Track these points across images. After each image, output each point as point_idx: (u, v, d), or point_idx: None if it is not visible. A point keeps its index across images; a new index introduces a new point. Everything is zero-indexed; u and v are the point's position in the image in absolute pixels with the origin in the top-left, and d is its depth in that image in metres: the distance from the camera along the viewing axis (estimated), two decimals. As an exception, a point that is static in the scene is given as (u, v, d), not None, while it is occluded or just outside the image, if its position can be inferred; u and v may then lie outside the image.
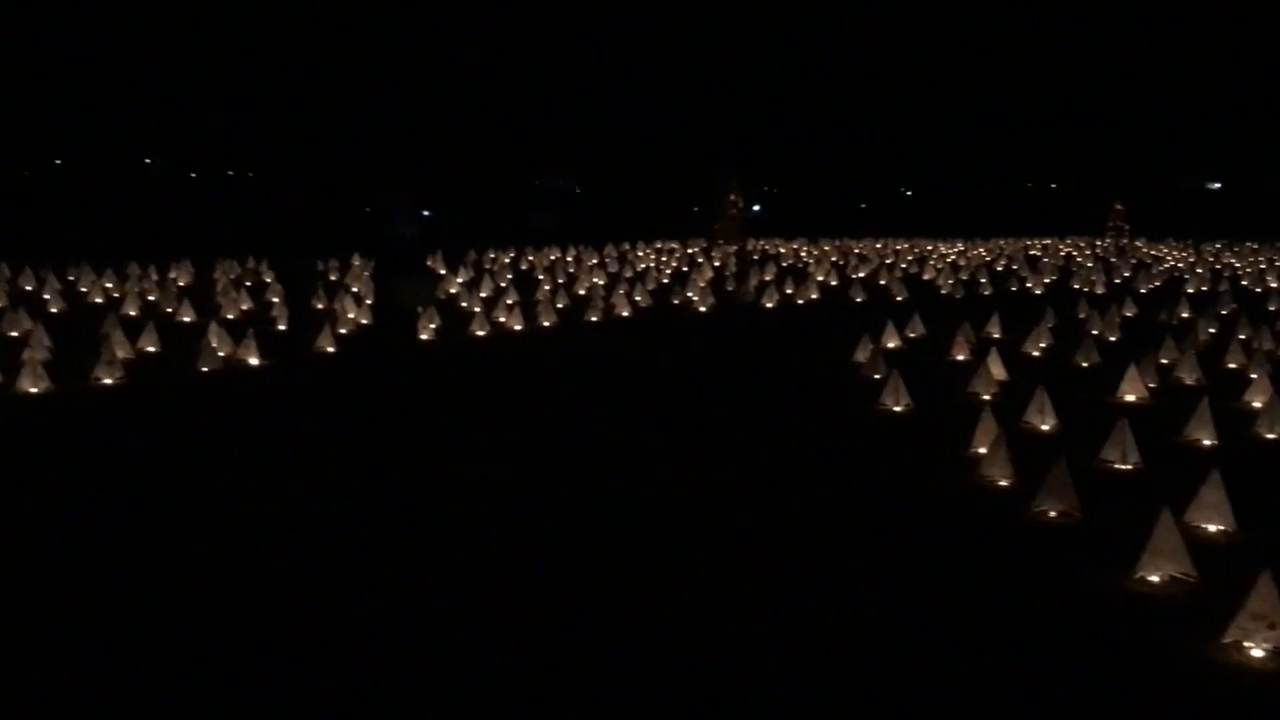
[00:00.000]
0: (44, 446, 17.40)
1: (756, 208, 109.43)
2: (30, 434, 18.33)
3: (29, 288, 37.15)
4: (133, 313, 31.21)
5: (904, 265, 57.80)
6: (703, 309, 39.21)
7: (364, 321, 32.80)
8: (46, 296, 34.73)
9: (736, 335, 33.01)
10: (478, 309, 33.58)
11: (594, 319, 35.19)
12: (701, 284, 42.79)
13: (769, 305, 40.51)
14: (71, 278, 39.70)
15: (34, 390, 21.08)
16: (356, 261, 47.29)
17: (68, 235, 55.45)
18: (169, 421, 19.44)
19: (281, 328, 30.65)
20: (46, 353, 24.28)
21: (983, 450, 16.68)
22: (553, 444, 17.99)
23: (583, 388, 23.64)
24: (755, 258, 61.63)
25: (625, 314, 36.71)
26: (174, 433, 18.49)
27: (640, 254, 61.83)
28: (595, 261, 53.66)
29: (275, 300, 35.19)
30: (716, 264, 56.01)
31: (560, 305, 36.87)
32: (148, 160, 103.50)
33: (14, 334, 27.52)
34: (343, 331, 29.61)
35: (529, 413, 20.56)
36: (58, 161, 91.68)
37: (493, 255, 56.07)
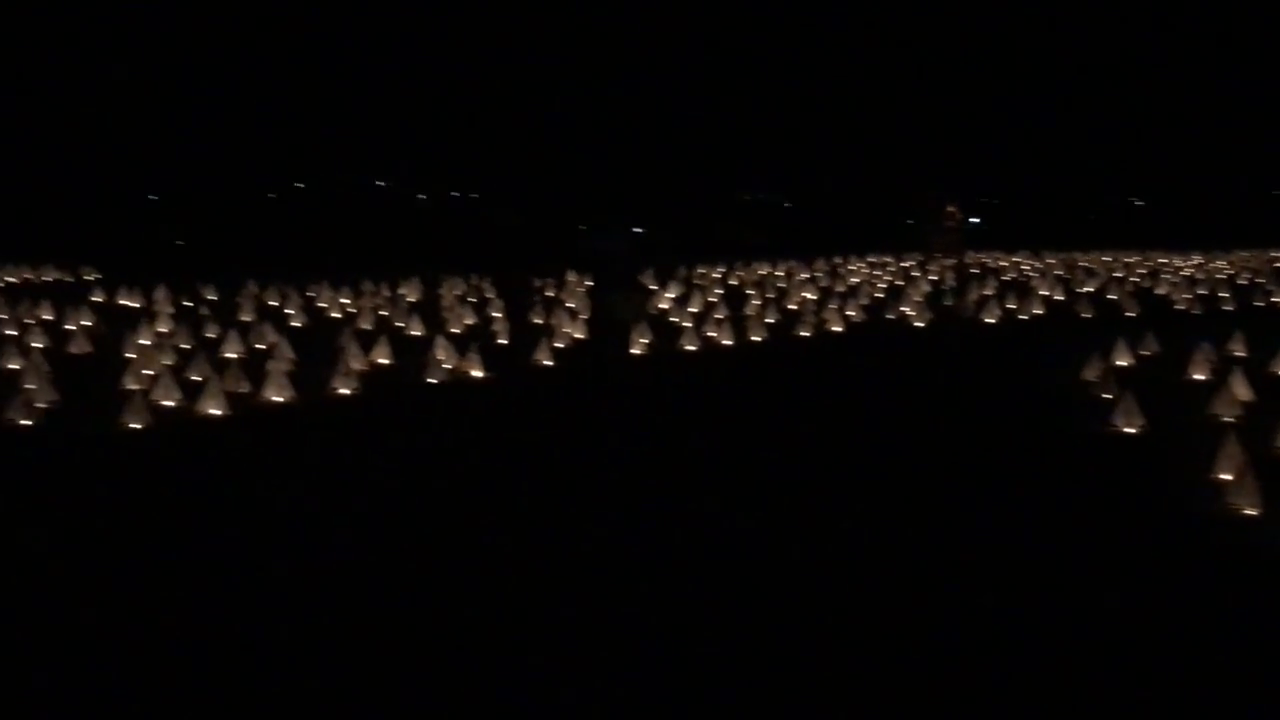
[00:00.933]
0: (287, 451, 18.65)
1: (976, 220, 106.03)
2: (275, 439, 19.70)
3: (274, 303, 39.84)
4: (366, 327, 32.99)
5: (1135, 279, 54.72)
6: (919, 324, 38.26)
7: (579, 335, 33.61)
8: (289, 311, 37.17)
9: (954, 352, 32.03)
10: (688, 324, 33.91)
11: (805, 334, 34.90)
12: (917, 299, 41.72)
13: (989, 321, 39.14)
14: (311, 294, 42.32)
15: (279, 399, 22.57)
16: (571, 277, 48.51)
17: (308, 254, 59.19)
18: (400, 429, 20.52)
19: (502, 341, 31.78)
20: (289, 364, 25.94)
21: (1228, 476, 15.56)
22: (762, 463, 17.92)
23: (795, 404, 23.45)
24: (974, 271, 59.67)
25: (837, 329, 36.24)
26: (405, 440, 19.50)
27: (852, 268, 60.91)
28: (806, 276, 53.19)
29: (496, 315, 36.53)
30: (933, 278, 54.55)
31: (770, 320, 36.74)
32: (380, 183, 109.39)
33: (260, 346, 29.52)
34: (559, 345, 30.43)
35: (735, 428, 20.57)
36: (299, 185, 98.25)
37: (702, 270, 56.41)
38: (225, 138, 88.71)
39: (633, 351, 30.41)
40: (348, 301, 40.84)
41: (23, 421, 19.69)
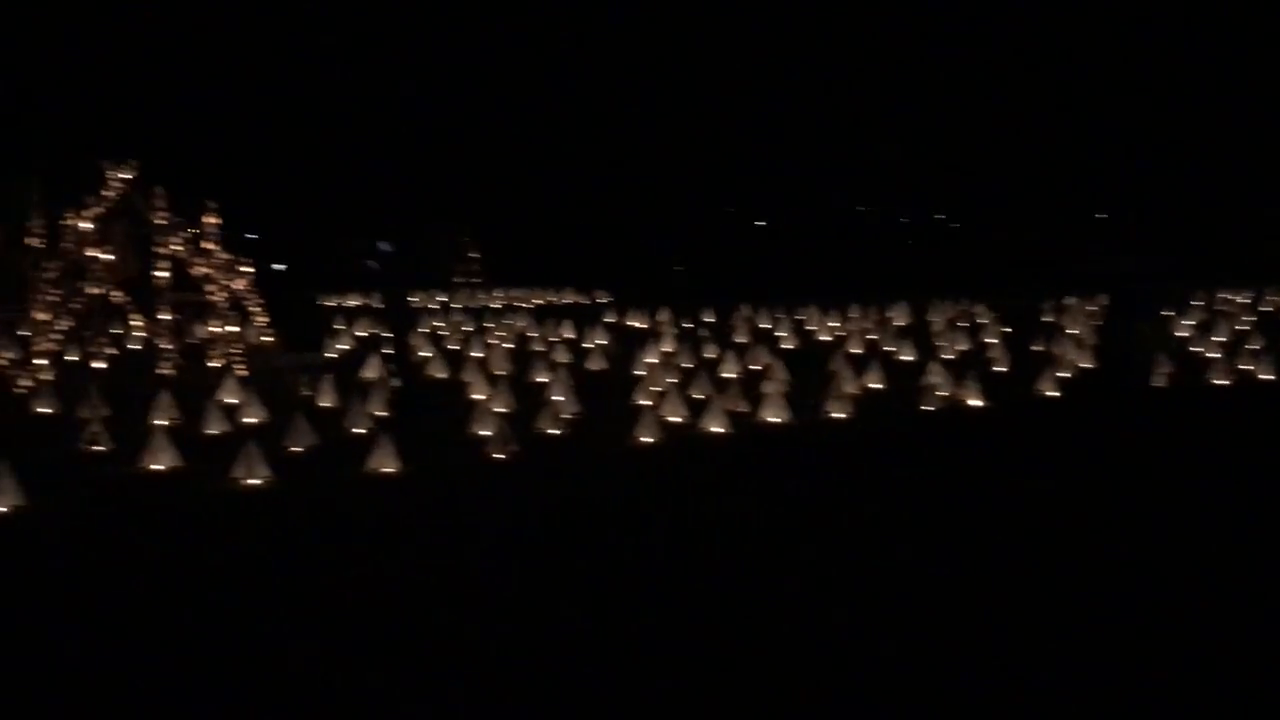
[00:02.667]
0: (783, 468, 18.70)
1: None
2: (773, 456, 19.88)
3: (765, 326, 40.84)
4: (856, 350, 32.75)
5: None
6: None
7: (1087, 365, 31.05)
8: (780, 334, 37.88)
9: None
10: (1215, 355, 30.23)
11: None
12: None
13: None
14: (801, 317, 42.93)
15: (774, 420, 22.81)
16: (1071, 301, 45.23)
17: (796, 278, 60.39)
18: (896, 455, 19.90)
19: (1000, 369, 30.14)
20: (784, 386, 26.20)
21: None
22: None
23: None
24: None
25: None
26: (902, 466, 18.84)
27: None
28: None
29: (992, 341, 34.82)
30: None
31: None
32: (861, 208, 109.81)
33: (754, 368, 30.21)
34: (1065, 375, 28.25)
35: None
36: (783, 212, 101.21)
37: (1227, 295, 50.29)
38: (712, 168, 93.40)
39: (1154, 384, 27.53)
40: (836, 325, 40.93)
41: (550, 430, 21.50)
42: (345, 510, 16.07)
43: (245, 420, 22.19)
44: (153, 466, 17.81)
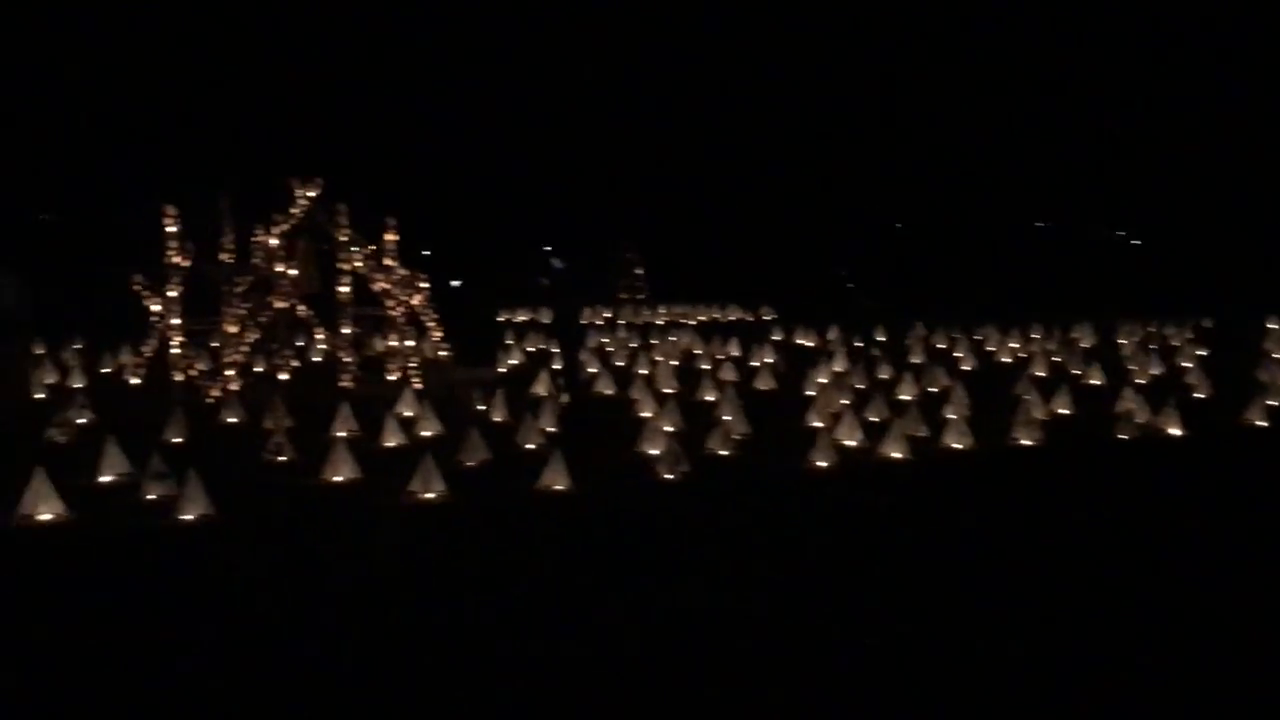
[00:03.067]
0: (969, 498, 17.73)
1: None
2: (957, 485, 18.90)
3: (941, 346, 39.43)
4: (1041, 374, 31.18)
5: None
6: None
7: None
8: (958, 355, 36.46)
9: None
10: None
11: None
12: None
13: None
14: (979, 337, 41.31)
15: (957, 446, 21.76)
16: (1274, 325, 42.17)
17: (972, 297, 58.37)
18: (1093, 487, 18.64)
19: (1200, 395, 28.18)
20: (966, 410, 25.05)
21: None
22: None
23: None
24: None
25: None
26: (1098, 499, 17.62)
27: None
28: None
29: (1187, 365, 32.70)
30: None
31: None
32: (1039, 224, 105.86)
33: (932, 390, 29.07)
34: (1275, 404, 26.16)
35: None
36: (959, 227, 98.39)
37: None
38: (885, 181, 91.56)
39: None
40: (1017, 346, 39.21)
41: (721, 452, 21.02)
42: (517, 525, 15.98)
43: (421, 434, 22.52)
44: (334, 478, 18.13)
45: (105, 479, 17.76)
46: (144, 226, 25.05)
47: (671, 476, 18.76)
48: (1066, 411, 25.81)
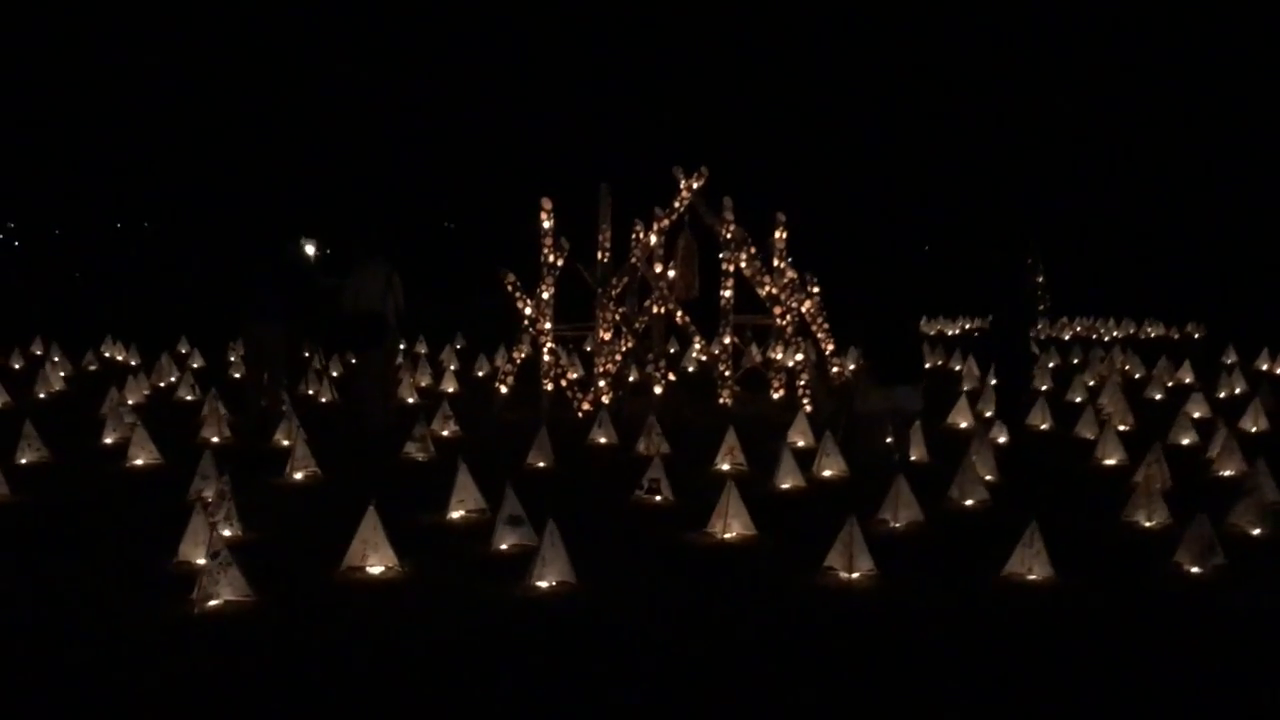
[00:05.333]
0: None
1: None
2: None
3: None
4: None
5: None
6: None
7: None
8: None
9: None
10: None
11: None
12: None
13: None
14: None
15: None
16: None
17: None
18: None
19: None
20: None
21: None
22: None
23: None
24: None
25: None
26: None
27: None
28: None
29: None
30: None
31: None
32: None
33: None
34: None
35: None
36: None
37: None
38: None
39: None
40: None
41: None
42: (979, 625, 11.22)
43: (821, 473, 18.24)
44: (723, 535, 14.22)
45: (453, 515, 14.76)
46: (530, 227, 22.48)
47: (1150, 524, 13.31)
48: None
